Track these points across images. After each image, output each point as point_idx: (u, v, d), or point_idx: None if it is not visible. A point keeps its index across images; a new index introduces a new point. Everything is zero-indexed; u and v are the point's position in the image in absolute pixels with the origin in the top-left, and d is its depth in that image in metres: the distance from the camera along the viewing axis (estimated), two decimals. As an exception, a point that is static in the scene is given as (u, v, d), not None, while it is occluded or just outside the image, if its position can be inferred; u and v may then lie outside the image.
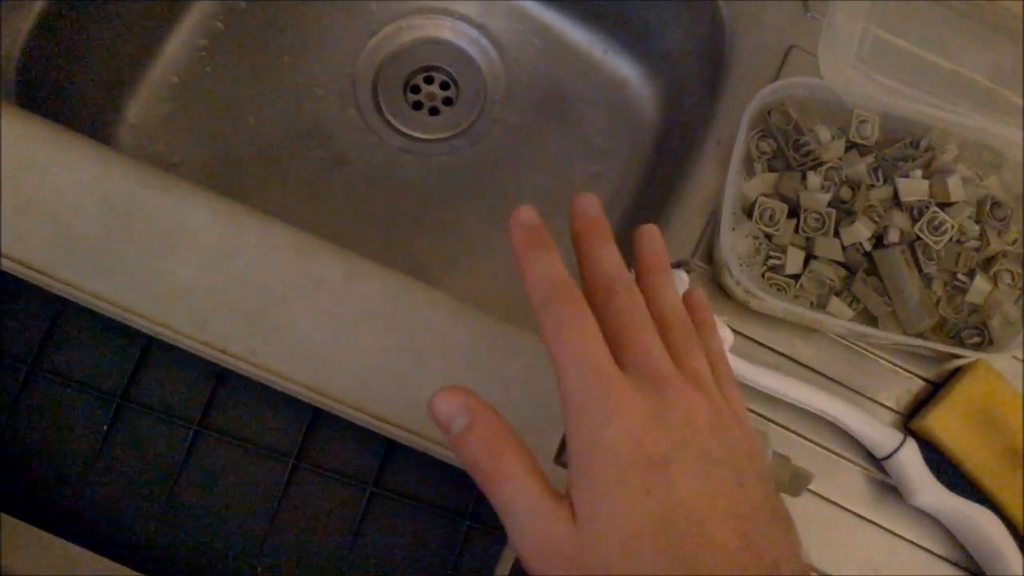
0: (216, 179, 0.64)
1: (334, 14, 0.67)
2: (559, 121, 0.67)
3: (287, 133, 0.65)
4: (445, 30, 0.69)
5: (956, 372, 0.49)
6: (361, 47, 0.67)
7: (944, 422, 0.47)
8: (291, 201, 0.64)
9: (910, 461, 0.46)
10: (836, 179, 0.48)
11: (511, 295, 0.63)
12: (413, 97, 0.68)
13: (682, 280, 0.45)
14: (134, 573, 0.40)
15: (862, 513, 0.48)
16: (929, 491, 0.45)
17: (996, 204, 0.50)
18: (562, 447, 0.41)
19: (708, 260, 0.51)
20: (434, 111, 0.67)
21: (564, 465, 0.41)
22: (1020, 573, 0.45)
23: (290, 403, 0.42)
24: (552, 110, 0.67)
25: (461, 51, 0.68)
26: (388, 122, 0.67)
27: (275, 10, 0.67)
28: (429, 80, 0.68)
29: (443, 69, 0.68)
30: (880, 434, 0.47)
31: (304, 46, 0.67)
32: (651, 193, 0.61)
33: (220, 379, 0.43)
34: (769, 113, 0.50)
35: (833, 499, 0.48)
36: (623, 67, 0.67)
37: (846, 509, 0.48)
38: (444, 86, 0.68)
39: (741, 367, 0.47)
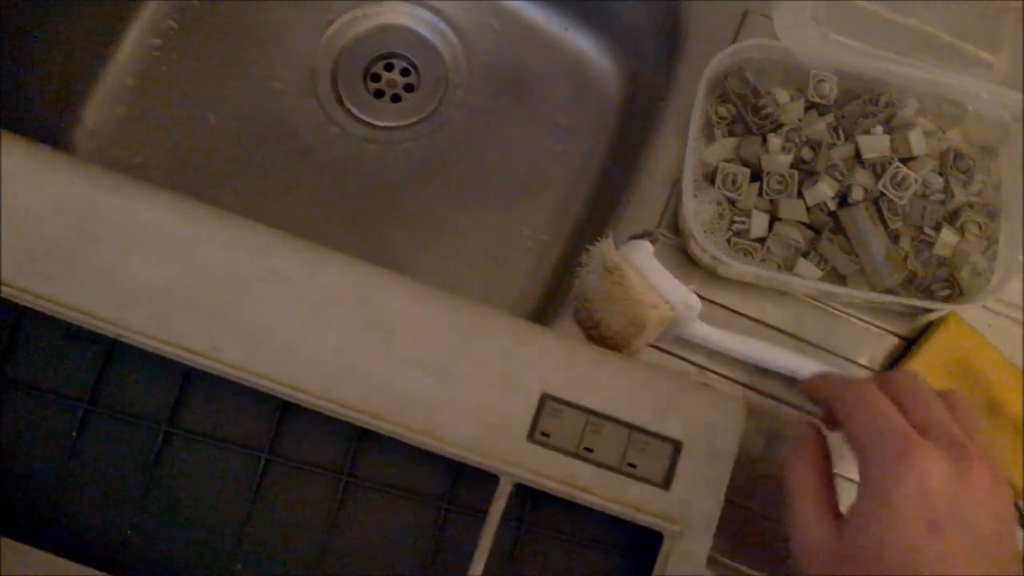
0: (179, 179, 0.63)
1: (289, 6, 0.67)
2: (522, 101, 0.67)
3: (249, 129, 0.65)
4: (402, 16, 0.68)
5: (929, 327, 0.49)
6: (318, 38, 0.67)
7: (917, 376, 0.47)
8: (257, 197, 0.64)
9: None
10: (797, 140, 0.48)
11: (484, 278, 0.63)
12: (374, 85, 0.67)
13: (647, 250, 0.45)
14: (110, 578, 0.39)
15: (842, 472, 0.48)
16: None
17: (959, 156, 0.49)
18: (534, 425, 0.40)
19: (674, 230, 0.50)
20: (396, 98, 0.67)
21: (537, 443, 0.41)
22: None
23: (259, 397, 0.41)
24: (515, 91, 0.67)
25: (420, 36, 0.68)
26: (350, 112, 0.66)
27: (229, 6, 0.66)
28: (389, 67, 0.68)
29: (403, 56, 0.68)
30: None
31: (260, 40, 0.66)
32: (616, 167, 0.60)
33: (187, 378, 0.43)
34: (726, 78, 0.50)
35: (812, 460, 0.48)
36: (583, 43, 0.67)
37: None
38: (405, 72, 0.67)
39: (712, 333, 0.46)
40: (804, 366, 0.47)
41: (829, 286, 0.47)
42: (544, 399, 0.41)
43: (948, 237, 0.48)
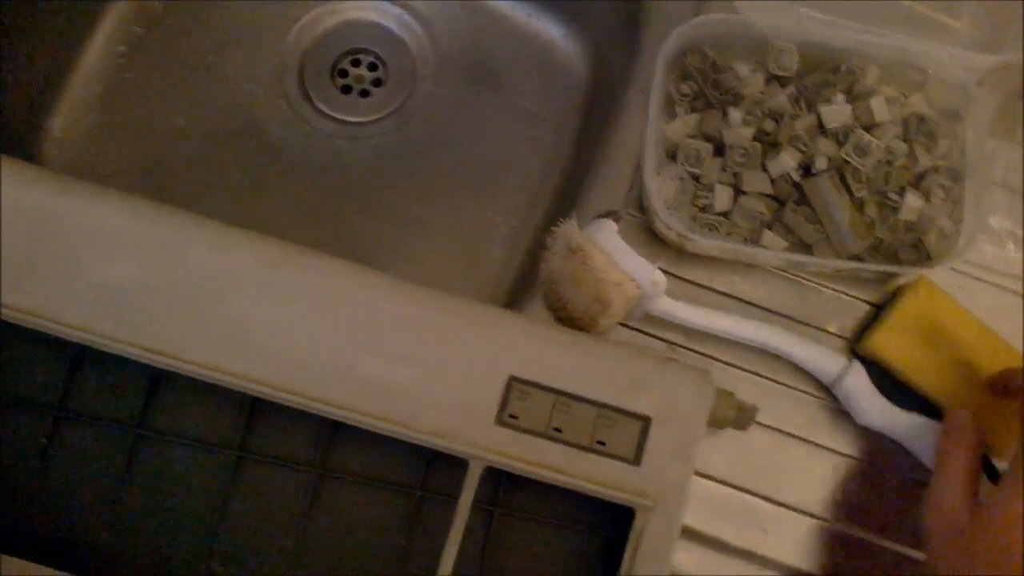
0: (151, 185, 0.63)
1: (254, 6, 0.67)
2: (491, 90, 0.67)
3: (218, 131, 0.65)
4: (368, 11, 0.68)
5: (899, 292, 0.49)
6: (284, 36, 0.67)
7: (887, 341, 0.47)
8: (230, 199, 0.64)
9: (857, 384, 0.46)
10: (758, 113, 0.48)
11: (459, 268, 0.63)
12: (342, 81, 0.67)
13: (611, 229, 0.45)
14: (87, 581, 0.40)
15: (818, 440, 0.48)
16: (878, 411, 0.45)
17: (922, 121, 0.49)
18: (502, 408, 0.40)
19: (641, 208, 0.50)
20: (364, 93, 0.67)
21: (505, 426, 0.41)
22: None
23: (229, 395, 0.41)
24: (483, 79, 0.67)
25: (386, 30, 0.68)
26: (319, 109, 0.66)
27: (193, 9, 0.66)
28: (356, 63, 0.67)
29: (369, 50, 0.67)
30: (825, 360, 0.46)
31: (226, 42, 0.66)
32: (585, 150, 0.60)
33: (157, 380, 0.43)
34: (686, 54, 0.50)
35: (787, 430, 0.48)
36: (549, 28, 0.67)
37: (801, 438, 0.48)
38: (372, 67, 0.67)
39: (679, 308, 0.46)
40: (771, 337, 0.47)
41: (796, 256, 0.47)
42: (511, 381, 0.41)
43: (913, 202, 0.47)
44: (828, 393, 0.48)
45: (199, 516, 0.42)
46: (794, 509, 0.47)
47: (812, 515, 0.47)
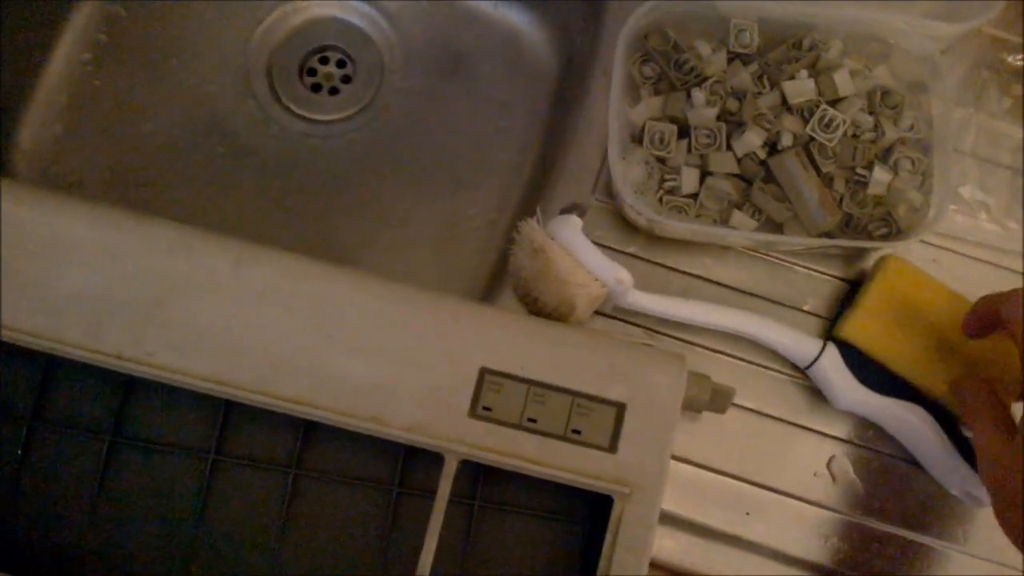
0: (121, 193, 0.62)
1: (217, 8, 0.66)
2: (460, 81, 0.66)
3: (187, 135, 0.64)
4: (333, 8, 0.67)
5: (873, 269, 0.49)
6: (250, 36, 0.66)
7: (861, 328, 0.46)
8: (201, 202, 0.63)
9: (831, 368, 0.46)
10: (721, 92, 0.48)
11: (435, 262, 0.62)
12: (310, 80, 0.66)
13: (575, 225, 0.44)
14: (66, 592, 0.39)
15: (796, 421, 0.48)
16: (851, 395, 0.45)
17: (887, 93, 0.49)
18: (475, 401, 0.40)
19: (610, 194, 0.50)
20: (334, 91, 0.66)
21: (479, 418, 0.41)
22: (950, 459, 0.45)
23: (202, 399, 0.41)
24: (451, 71, 0.66)
25: (352, 26, 0.67)
26: (288, 109, 0.65)
27: (157, 12, 0.66)
28: (324, 60, 0.67)
29: (337, 47, 0.67)
30: (799, 345, 0.46)
31: (191, 44, 0.66)
32: (555, 137, 0.60)
33: (129, 387, 0.43)
34: (647, 37, 0.49)
35: (766, 411, 0.48)
36: (514, 17, 0.66)
37: (780, 419, 0.48)
38: (340, 64, 0.67)
39: (651, 301, 0.46)
40: (743, 323, 0.46)
41: (766, 236, 0.47)
42: (483, 373, 0.41)
43: (881, 175, 0.47)
44: (804, 373, 0.48)
45: (177, 520, 0.42)
46: (777, 491, 0.47)
47: (795, 497, 0.47)
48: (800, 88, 0.47)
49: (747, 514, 0.47)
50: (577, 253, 0.43)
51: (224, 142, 0.64)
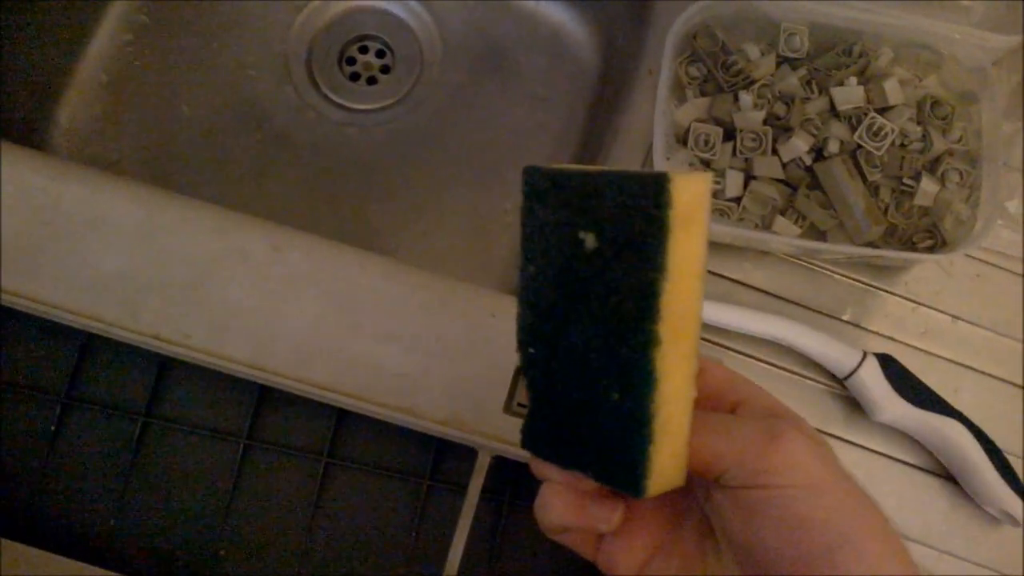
0: (158, 173, 0.63)
1: (259, -6, 0.66)
2: (499, 75, 0.66)
3: (224, 118, 0.64)
4: (374, -3, 0.67)
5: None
6: (290, 23, 0.66)
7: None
8: (236, 186, 0.63)
9: (870, 379, 0.45)
10: (769, 96, 0.47)
11: (467, 254, 0.62)
12: (349, 69, 0.66)
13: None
14: (95, 569, 0.39)
15: (834, 432, 0.47)
16: (889, 408, 0.45)
17: (937, 103, 0.48)
18: (510, 397, 0.40)
19: (650, 194, 0.50)
20: (372, 80, 0.66)
21: (514, 414, 0.40)
22: (990, 477, 0.44)
23: (236, 383, 0.41)
24: (490, 65, 0.66)
25: (393, 17, 0.67)
26: (326, 96, 0.65)
27: (199, -4, 0.66)
28: (364, 50, 0.67)
29: (377, 37, 0.67)
30: (838, 354, 0.46)
31: (232, 29, 0.66)
32: (594, 135, 0.60)
33: (163, 368, 0.43)
34: (695, 37, 0.49)
35: (800, 420, 0.47)
36: (556, 12, 0.66)
37: (818, 430, 0.47)
38: (380, 54, 0.67)
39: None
40: (782, 331, 0.46)
41: (809, 243, 0.46)
42: (519, 370, 0.40)
43: (928, 186, 0.47)
44: (842, 383, 0.47)
45: (205, 504, 0.42)
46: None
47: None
48: (849, 95, 0.47)
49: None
50: None
51: (261, 127, 0.64)
